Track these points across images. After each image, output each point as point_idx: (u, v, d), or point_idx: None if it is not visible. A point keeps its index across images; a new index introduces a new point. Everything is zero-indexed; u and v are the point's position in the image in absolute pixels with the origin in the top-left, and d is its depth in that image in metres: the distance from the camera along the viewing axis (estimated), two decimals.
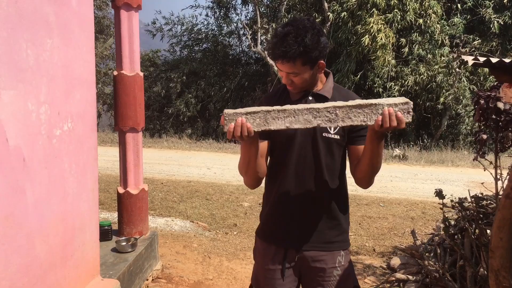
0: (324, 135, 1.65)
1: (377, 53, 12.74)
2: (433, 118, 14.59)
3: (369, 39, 12.43)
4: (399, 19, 12.98)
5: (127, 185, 3.50)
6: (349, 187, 1.80)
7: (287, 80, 1.62)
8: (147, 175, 7.76)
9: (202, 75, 16.92)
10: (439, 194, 2.83)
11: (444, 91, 13.22)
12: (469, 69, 13.16)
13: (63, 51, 2.12)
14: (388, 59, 12.94)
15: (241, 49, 18.62)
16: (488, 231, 2.89)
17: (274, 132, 1.70)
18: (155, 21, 18.21)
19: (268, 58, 14.01)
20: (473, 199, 3.12)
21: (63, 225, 2.18)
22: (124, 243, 3.23)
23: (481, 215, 3.13)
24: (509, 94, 2.05)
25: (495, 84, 2.63)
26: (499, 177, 2.75)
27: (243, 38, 17.75)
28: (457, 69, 12.81)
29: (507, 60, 1.52)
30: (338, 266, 1.73)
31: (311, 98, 1.68)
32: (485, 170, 2.86)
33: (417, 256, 3.68)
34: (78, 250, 2.33)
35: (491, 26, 13.40)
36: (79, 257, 2.34)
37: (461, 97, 13.20)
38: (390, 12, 12.99)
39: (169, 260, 4.00)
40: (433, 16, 13.17)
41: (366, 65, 13.80)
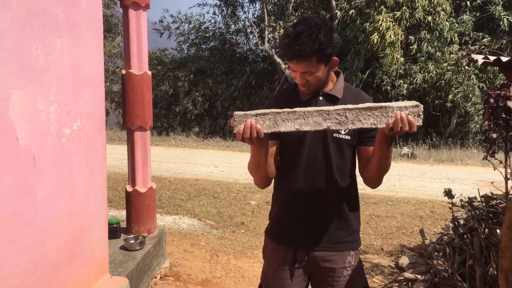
0: (334, 135, 1.64)
1: (385, 51, 12.66)
2: (442, 116, 14.48)
3: (377, 37, 12.35)
4: (407, 16, 12.88)
5: (135, 183, 3.52)
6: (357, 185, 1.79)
7: (302, 80, 1.59)
8: (155, 173, 7.79)
9: (210, 73, 16.95)
10: (449, 193, 2.80)
11: (453, 89, 13.11)
12: (478, 67, 13.03)
13: (72, 50, 2.13)
14: (397, 56, 12.87)
15: (248, 47, 18.63)
16: (498, 231, 2.86)
17: (284, 133, 1.70)
18: (163, 19, 18.26)
19: (276, 56, 14.00)
20: (482, 198, 3.09)
21: (72, 223, 2.19)
22: (132, 241, 3.25)
23: (490, 215, 3.10)
24: None
25: (505, 82, 2.60)
26: (509, 176, 2.72)
27: (251, 36, 17.75)
28: (466, 67, 12.70)
29: None
30: (348, 266, 1.73)
31: (321, 98, 1.67)
32: (495, 169, 2.83)
33: (425, 255, 3.65)
34: (87, 248, 2.34)
35: (500, 23, 13.27)
36: (88, 255, 2.35)
37: (470, 95, 13.09)
38: (398, 9, 12.90)
39: (177, 258, 4.02)
40: (442, 13, 13.05)
41: (374, 63, 13.73)
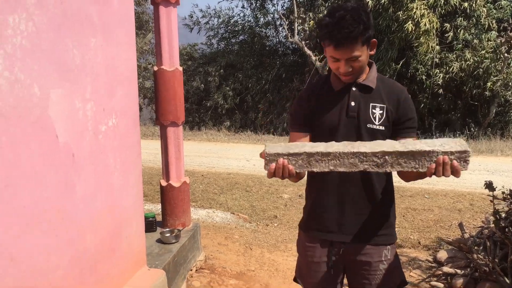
0: (368, 126, 1.61)
1: (420, 39, 12.26)
2: (480, 105, 13.94)
3: (412, 25, 11.98)
4: (442, 3, 12.42)
5: (169, 178, 3.58)
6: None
7: (347, 67, 1.55)
8: (188, 167, 7.89)
9: (239, 67, 16.97)
10: (490, 186, 2.70)
11: (491, 77, 12.58)
12: None
13: (106, 49, 2.18)
14: (432, 45, 12.44)
15: (278, 40, 18.49)
16: None
17: (316, 124, 1.67)
18: (192, 14, 18.37)
19: (306, 48, 13.83)
20: None
21: (110, 218, 2.25)
22: (168, 235, 3.31)
23: None
24: None
25: None
26: None
27: (280, 29, 17.62)
28: (505, 54, 12.16)
29: None
30: (384, 260, 1.70)
31: (354, 89, 1.64)
32: None
33: (465, 249, 3.54)
34: (125, 241, 2.40)
35: None
36: (126, 248, 2.41)
37: (510, 83, 12.53)
38: None
39: (211, 251, 4.06)
40: None
41: (408, 52, 13.34)
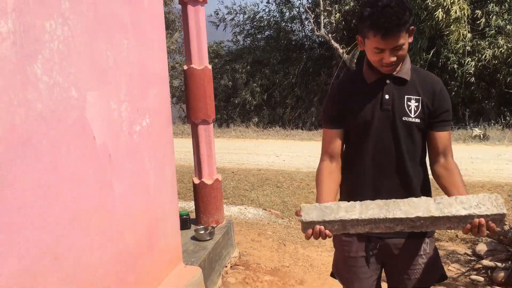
0: (404, 119, 1.57)
1: (450, 27, 11.89)
2: None
3: (442, 13, 11.63)
4: None
5: (201, 175, 3.62)
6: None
7: (391, 57, 1.49)
8: (218, 164, 7.88)
9: (266, 63, 16.92)
10: None
11: None
12: None
13: (138, 50, 2.22)
14: (463, 33, 12.03)
15: (304, 34, 18.31)
16: None
17: (349, 119, 1.64)
18: (218, 11, 18.43)
19: (333, 41, 13.65)
20: None
21: (147, 216, 2.30)
22: (202, 232, 3.34)
23: None
24: None
25: None
26: None
27: (306, 23, 17.45)
28: None
29: None
30: (423, 254, 1.66)
31: (388, 81, 1.60)
32: None
33: (505, 242, 3.43)
34: (162, 239, 2.45)
35: None
36: (163, 245, 2.46)
37: None
38: None
39: (245, 247, 4.09)
40: None
41: (439, 41, 12.95)
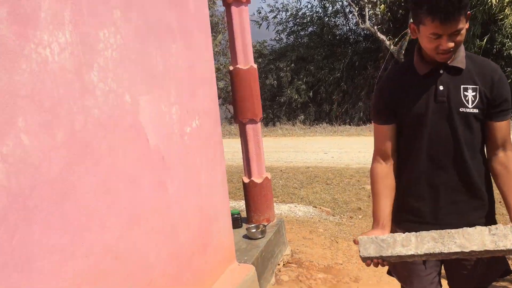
0: (461, 110, 1.49)
1: (505, 11, 11.22)
2: None
3: None
4: None
5: (251, 174, 3.65)
6: None
7: (449, 43, 1.40)
8: (266, 163, 7.89)
9: (310, 59, 16.76)
10: None
11: None
12: None
13: (185, 53, 2.27)
14: None
15: (348, 27, 17.96)
16: None
17: (402, 113, 1.58)
18: (260, 10, 18.47)
19: (379, 33, 13.30)
20: None
21: (200, 215, 2.34)
22: (254, 230, 3.37)
23: None
24: None
25: None
26: None
27: (350, 16, 17.11)
28: None
29: None
30: None
31: (442, 71, 1.52)
32: None
33: None
34: (215, 237, 2.49)
35: None
36: (216, 244, 2.50)
37: None
38: None
39: (297, 245, 4.07)
40: None
41: (493, 26, 12.27)
